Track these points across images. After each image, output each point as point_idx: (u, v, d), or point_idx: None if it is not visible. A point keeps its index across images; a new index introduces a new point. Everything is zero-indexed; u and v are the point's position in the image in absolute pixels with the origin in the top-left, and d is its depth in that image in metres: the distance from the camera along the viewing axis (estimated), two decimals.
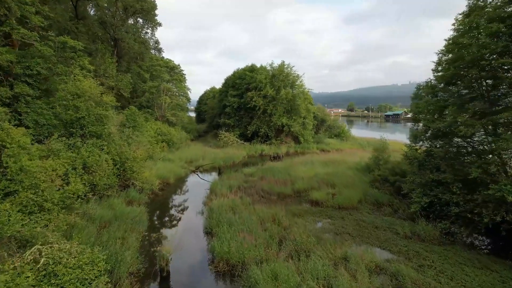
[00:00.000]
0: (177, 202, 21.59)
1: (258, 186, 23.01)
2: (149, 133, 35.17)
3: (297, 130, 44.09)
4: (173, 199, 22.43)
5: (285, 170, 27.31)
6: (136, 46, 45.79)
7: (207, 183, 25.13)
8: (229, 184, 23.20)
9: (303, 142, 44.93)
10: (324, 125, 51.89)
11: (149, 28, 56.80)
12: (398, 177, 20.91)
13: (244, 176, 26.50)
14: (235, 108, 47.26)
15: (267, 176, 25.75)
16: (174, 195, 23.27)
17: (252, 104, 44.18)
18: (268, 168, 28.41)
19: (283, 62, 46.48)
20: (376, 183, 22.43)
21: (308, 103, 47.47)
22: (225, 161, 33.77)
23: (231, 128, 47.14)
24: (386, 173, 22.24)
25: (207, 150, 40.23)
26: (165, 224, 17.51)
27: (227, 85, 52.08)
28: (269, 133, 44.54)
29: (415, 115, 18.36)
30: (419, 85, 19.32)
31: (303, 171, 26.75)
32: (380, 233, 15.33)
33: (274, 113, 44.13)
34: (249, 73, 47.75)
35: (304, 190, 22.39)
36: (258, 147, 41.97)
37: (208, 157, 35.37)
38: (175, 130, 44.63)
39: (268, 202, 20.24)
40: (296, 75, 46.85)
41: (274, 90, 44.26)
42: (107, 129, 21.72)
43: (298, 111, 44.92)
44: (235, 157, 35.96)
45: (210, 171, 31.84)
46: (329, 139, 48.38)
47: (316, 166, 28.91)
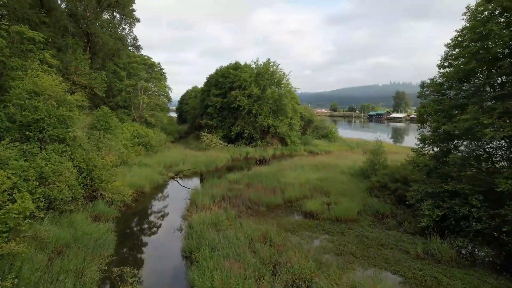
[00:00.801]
0: (153, 216, 18.94)
1: (244, 195, 20.58)
2: (125, 135, 32.25)
3: (284, 131, 41.88)
4: (148, 211, 19.74)
5: (274, 175, 25.01)
6: (111, 42, 42.54)
7: (187, 191, 22.58)
8: (212, 193, 20.69)
9: (290, 143, 42.78)
10: (311, 125, 49.89)
11: (127, 24, 53.62)
12: (400, 184, 18.97)
13: (229, 183, 24.01)
14: (218, 108, 44.64)
15: (254, 183, 23.38)
16: (149, 207, 20.56)
17: (236, 104, 41.69)
18: (254, 173, 26.04)
19: (268, 60, 44.24)
20: (375, 190, 20.41)
21: (295, 102, 45.34)
22: (207, 166, 31.18)
23: (214, 129, 44.50)
24: (385, 180, 20.25)
25: (188, 153, 37.48)
26: (136, 246, 14.82)
27: (209, 84, 49.37)
28: (254, 135, 42.17)
29: (422, 116, 16.35)
30: (424, 83, 17.36)
31: (293, 176, 24.52)
32: (388, 252, 13.23)
33: (259, 113, 41.78)
34: (233, 71, 45.21)
35: (296, 199, 20.18)
36: (243, 150, 39.53)
37: (189, 161, 32.67)
38: (153, 132, 41.65)
39: (257, 214, 17.89)
40: (282, 74, 44.69)
41: (259, 89, 41.91)
42: (71, 133, 18.85)
43: (284, 111, 42.72)
44: (218, 160, 33.40)
45: (191, 176, 29.21)
46: (316, 140, 46.45)
47: (306, 170, 26.76)
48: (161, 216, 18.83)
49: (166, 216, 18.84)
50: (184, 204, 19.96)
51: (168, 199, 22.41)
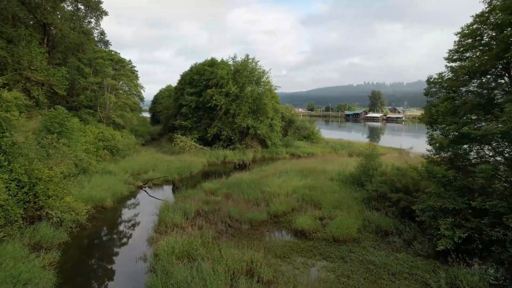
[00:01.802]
0: (111, 239, 15.63)
1: (223, 210, 17.59)
2: (87, 139, 28.44)
3: (264, 133, 39.10)
4: (106, 233, 16.35)
5: (256, 184, 22.15)
6: (72, 35, 38.37)
7: (157, 204, 19.28)
8: (185, 207, 17.54)
9: (271, 146, 40.06)
10: (292, 126, 47.38)
11: (93, 18, 49.34)
12: (402, 195, 16.54)
13: (205, 194, 20.94)
14: (193, 108, 41.24)
15: (233, 193, 20.43)
16: (109, 226, 17.12)
17: (213, 103, 38.49)
18: (234, 181, 23.06)
19: (247, 56, 41.30)
20: (373, 201, 17.91)
21: (275, 102, 42.66)
22: (180, 173, 27.87)
23: (189, 130, 41.07)
24: (383, 189, 17.79)
25: (160, 157, 34.00)
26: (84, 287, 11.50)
27: (183, 82, 45.87)
28: (233, 137, 39.13)
29: (433, 117, 13.92)
30: (431, 78, 14.97)
31: (278, 184, 21.74)
32: (403, 285, 10.66)
33: (237, 113, 38.78)
34: (209, 68, 41.97)
35: (284, 213, 17.39)
36: (220, 153, 36.41)
37: (160, 167, 29.27)
38: (121, 134, 37.83)
39: (239, 234, 14.98)
40: (262, 71, 41.90)
41: (237, 87, 38.90)
42: (8, 138, 15.28)
43: (265, 111, 39.94)
44: (193, 166, 30.14)
45: (163, 184, 25.91)
46: (298, 141, 43.97)
47: (292, 177, 24.05)
48: (121, 239, 15.55)
49: (128, 239, 15.59)
50: (151, 222, 16.78)
51: (133, 214, 19.07)
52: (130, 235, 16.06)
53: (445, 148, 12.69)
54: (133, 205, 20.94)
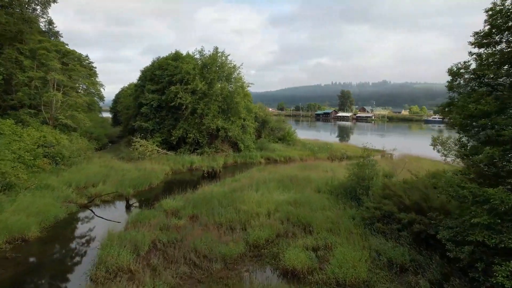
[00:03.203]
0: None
1: (187, 240, 13.41)
2: (21, 145, 23.16)
3: (236, 135, 34.96)
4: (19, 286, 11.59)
5: (229, 199, 18.11)
6: (5, 20, 32.55)
7: (104, 228, 14.75)
8: (136, 239, 13.18)
9: (244, 149, 36.01)
10: (266, 127, 43.59)
11: (39, 4, 43.15)
12: (414, 215, 13.14)
13: (165, 215, 16.61)
14: (155, 107, 36.30)
15: (201, 214, 16.29)
16: (21, 274, 12.32)
17: (177, 102, 33.83)
18: (202, 197, 18.82)
19: (216, 49, 36.91)
20: (376, 221, 14.39)
21: (248, 100, 38.65)
22: (137, 185, 23.16)
23: (150, 133, 36.14)
24: (388, 207, 14.33)
25: (115, 165, 29.01)
26: None
27: (144, 78, 40.74)
28: (200, 139, 34.68)
29: (464, 114, 10.52)
30: (455, 68, 11.61)
31: (257, 200, 17.83)
32: None
33: (206, 113, 34.39)
34: (173, 62, 37.18)
35: (266, 242, 13.49)
36: (187, 159, 31.87)
37: (113, 178, 24.46)
38: (69, 138, 32.35)
39: (208, 279, 10.92)
40: (233, 66, 37.65)
41: (205, 84, 34.51)
42: None
43: (236, 110, 35.82)
44: (153, 176, 25.46)
45: (115, 200, 21.21)
46: (273, 144, 40.25)
47: (272, 189, 20.20)
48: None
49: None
50: (90, 261, 12.35)
51: (64, 250, 14.37)
52: (56, 285, 11.48)
53: (489, 159, 9.24)
54: (70, 233, 16.14)
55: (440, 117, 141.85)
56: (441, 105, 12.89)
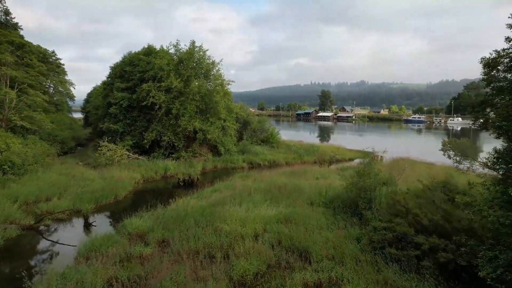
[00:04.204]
0: None
1: (154, 278, 10.38)
2: None
3: (216, 137, 31.85)
4: None
5: (208, 217, 15.17)
6: None
7: (55, 256, 11.47)
8: (85, 279, 10.04)
9: (224, 153, 32.99)
10: (248, 128, 40.70)
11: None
12: (437, 239, 10.66)
13: (128, 239, 13.50)
14: (125, 107, 32.71)
15: (174, 238, 13.25)
16: None
17: (149, 101, 30.42)
18: (175, 214, 15.72)
19: (193, 43, 33.71)
20: (387, 246, 11.82)
21: (228, 100, 35.62)
22: (100, 198, 19.78)
23: (120, 136, 32.55)
24: (402, 228, 11.79)
25: (77, 173, 25.43)
26: None
27: (113, 75, 37.01)
28: (176, 143, 31.39)
29: None
30: (490, 58, 9.18)
31: (241, 217, 14.94)
32: None
33: (182, 113, 31.14)
34: (145, 57, 33.71)
35: (255, 277, 10.69)
36: (160, 165, 28.52)
37: (73, 189, 21.05)
38: (24, 143, 28.49)
39: None
40: (212, 62, 34.54)
41: (181, 81, 31.26)
42: None
43: (216, 110, 32.75)
44: (120, 186, 22.06)
45: (74, 216, 17.84)
46: (256, 146, 37.41)
47: (258, 202, 17.37)
48: None
49: None
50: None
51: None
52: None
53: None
54: (2, 267, 12.72)
55: (420, 117, 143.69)
56: (470, 104, 10.39)
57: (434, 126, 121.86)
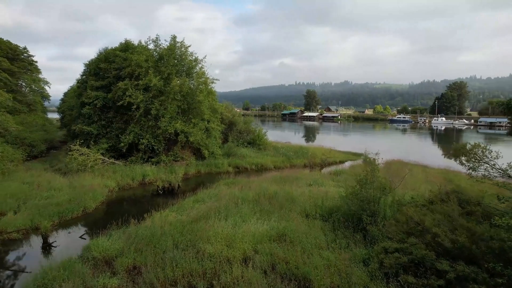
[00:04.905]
0: None
1: None
2: None
3: (199, 140, 29.54)
4: None
5: (188, 235, 13.06)
6: None
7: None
8: None
9: (208, 156, 30.72)
10: (234, 130, 38.52)
11: None
12: (463, 266, 8.90)
13: (93, 267, 11.23)
14: (99, 107, 30.01)
15: (148, 265, 11.03)
16: None
17: (126, 101, 27.91)
18: (150, 232, 13.42)
19: (174, 38, 31.25)
20: (401, 270, 9.97)
21: (213, 99, 33.33)
22: (65, 212, 17.30)
23: (94, 138, 29.87)
24: (420, 251, 9.97)
25: (43, 181, 22.82)
26: None
27: (88, 73, 34.21)
28: (156, 146, 28.95)
29: None
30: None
31: (227, 234, 12.86)
32: None
33: (162, 114, 28.75)
34: (121, 53, 31.10)
35: None
36: (138, 170, 26.08)
37: (34, 201, 18.45)
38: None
39: None
40: (195, 59, 32.19)
41: (161, 79, 28.86)
42: None
43: (199, 111, 30.45)
44: (90, 197, 19.53)
45: (33, 234, 15.34)
46: (242, 149, 35.29)
47: (246, 214, 15.31)
48: None
49: None
50: None
51: None
52: None
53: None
54: None
55: (404, 117, 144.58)
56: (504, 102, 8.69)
57: (419, 126, 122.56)
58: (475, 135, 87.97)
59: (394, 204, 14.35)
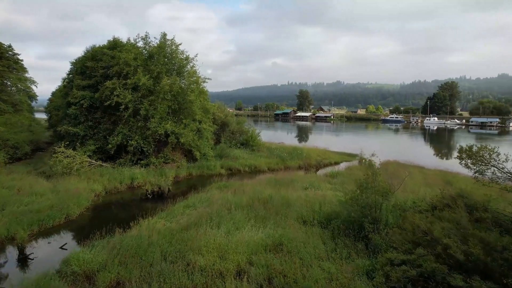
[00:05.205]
0: None
1: None
2: None
3: (190, 141, 28.53)
4: None
5: (178, 245, 12.12)
6: None
7: None
8: None
9: (200, 158, 29.71)
10: (226, 130, 37.58)
11: None
12: (481, 284, 8.11)
13: (72, 283, 10.21)
14: (86, 107, 28.79)
15: (131, 280, 10.08)
16: None
17: (114, 101, 26.77)
18: (137, 242, 12.42)
19: (164, 35, 30.17)
20: (408, 283, 9.19)
21: (204, 99, 32.30)
22: (46, 219, 16.16)
23: (81, 140, 28.65)
24: (430, 264, 9.18)
25: (25, 185, 21.59)
26: None
27: (74, 72, 32.93)
28: (145, 147, 27.86)
29: None
30: None
31: (219, 244, 11.95)
32: None
33: (151, 114, 27.70)
34: (109, 51, 29.91)
35: None
36: (126, 173, 24.98)
37: (12, 208, 17.25)
38: None
39: None
40: (186, 58, 31.15)
41: (150, 78, 27.81)
42: None
43: (190, 111, 29.42)
44: (73, 203, 18.34)
45: (9, 244, 14.20)
46: (235, 150, 34.36)
47: (239, 221, 14.41)
48: None
49: None
50: None
51: None
52: None
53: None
54: None
55: (397, 117, 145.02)
56: None
57: (411, 126, 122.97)
58: (467, 135, 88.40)
59: (395, 210, 13.63)
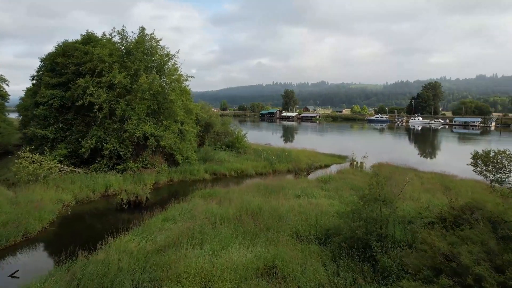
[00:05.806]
0: None
1: None
2: None
3: (172, 144, 26.36)
4: None
5: (153, 272, 10.15)
6: None
7: None
8: None
9: (182, 162, 27.58)
10: (210, 131, 35.57)
11: None
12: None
13: None
14: (56, 107, 26.27)
15: None
16: None
17: (87, 100, 24.39)
18: (103, 270, 10.38)
19: (142, 30, 27.90)
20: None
21: (187, 99, 30.16)
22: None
23: (51, 143, 26.13)
24: None
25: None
26: None
27: (44, 68, 30.26)
28: (122, 151, 25.54)
29: None
30: None
31: (203, 267, 10.08)
32: None
33: (129, 115, 25.44)
34: (82, 46, 27.45)
35: None
36: (101, 180, 22.67)
37: None
38: None
39: None
40: (166, 54, 28.94)
41: (127, 76, 25.56)
42: None
43: (171, 111, 27.25)
44: (33, 218, 16.04)
45: None
46: (220, 152, 32.39)
47: (226, 239, 12.54)
48: None
49: None
50: None
51: None
52: None
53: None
54: None
55: (382, 116, 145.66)
56: None
57: (396, 125, 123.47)
58: (451, 134, 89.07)
59: (400, 221, 12.10)
